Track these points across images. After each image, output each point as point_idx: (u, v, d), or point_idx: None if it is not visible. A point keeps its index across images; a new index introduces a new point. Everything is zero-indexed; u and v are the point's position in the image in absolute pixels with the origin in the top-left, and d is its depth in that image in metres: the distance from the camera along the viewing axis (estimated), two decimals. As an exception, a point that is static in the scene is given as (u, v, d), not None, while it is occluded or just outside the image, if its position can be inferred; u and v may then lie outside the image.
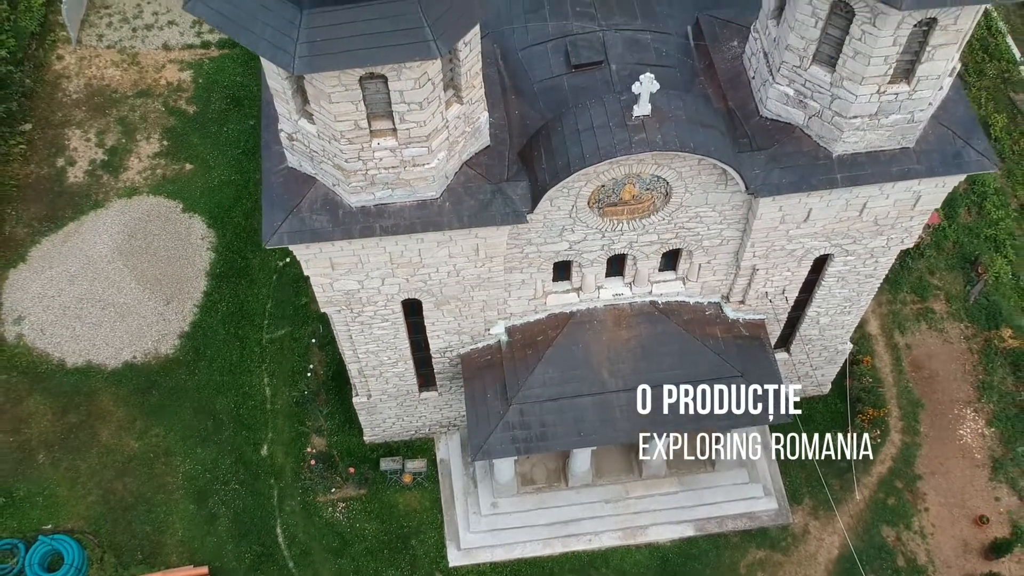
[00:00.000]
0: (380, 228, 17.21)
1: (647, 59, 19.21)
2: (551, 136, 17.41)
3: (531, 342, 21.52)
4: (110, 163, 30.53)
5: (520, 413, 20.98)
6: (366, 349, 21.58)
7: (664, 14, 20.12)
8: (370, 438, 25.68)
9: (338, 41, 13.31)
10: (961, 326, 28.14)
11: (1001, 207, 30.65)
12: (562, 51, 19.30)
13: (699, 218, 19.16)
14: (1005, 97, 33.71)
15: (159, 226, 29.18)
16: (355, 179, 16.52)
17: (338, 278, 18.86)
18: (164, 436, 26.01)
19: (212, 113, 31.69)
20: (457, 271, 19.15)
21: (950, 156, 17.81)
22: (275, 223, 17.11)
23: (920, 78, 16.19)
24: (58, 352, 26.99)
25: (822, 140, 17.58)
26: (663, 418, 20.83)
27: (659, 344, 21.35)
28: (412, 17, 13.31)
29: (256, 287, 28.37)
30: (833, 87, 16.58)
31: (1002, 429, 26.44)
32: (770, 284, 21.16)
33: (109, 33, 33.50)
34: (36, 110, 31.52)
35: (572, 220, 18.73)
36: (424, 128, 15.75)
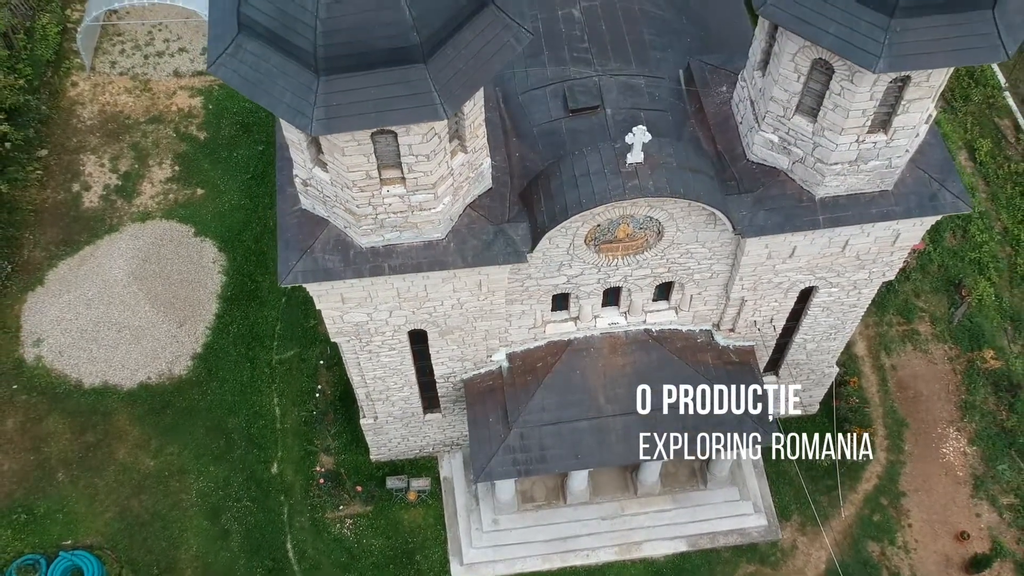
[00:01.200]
0: (389, 267, 18.27)
1: (641, 103, 20.30)
2: (550, 180, 18.47)
3: (531, 368, 22.57)
4: (124, 188, 31.56)
5: (520, 437, 22.04)
6: (374, 375, 22.65)
7: (657, 59, 21.22)
8: (376, 457, 26.74)
9: (352, 105, 14.37)
10: (945, 347, 29.21)
11: (985, 230, 31.68)
12: (560, 96, 20.38)
13: (690, 254, 20.22)
14: (990, 122, 34.75)
15: (172, 250, 30.22)
16: (365, 223, 17.59)
17: (348, 311, 19.92)
18: (178, 454, 27.05)
19: (222, 139, 32.72)
20: (461, 304, 20.21)
21: (926, 198, 18.88)
22: (290, 263, 18.17)
23: (897, 128, 17.27)
24: (76, 373, 28.03)
25: (805, 184, 18.65)
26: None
27: (653, 371, 22.38)
28: (421, 83, 14.38)
29: (266, 309, 29.40)
30: (815, 136, 17.66)
31: (983, 448, 27.50)
32: (758, 313, 22.21)
33: (122, 60, 34.54)
34: (52, 136, 32.56)
35: (570, 256, 19.79)
36: (431, 176, 16.82)
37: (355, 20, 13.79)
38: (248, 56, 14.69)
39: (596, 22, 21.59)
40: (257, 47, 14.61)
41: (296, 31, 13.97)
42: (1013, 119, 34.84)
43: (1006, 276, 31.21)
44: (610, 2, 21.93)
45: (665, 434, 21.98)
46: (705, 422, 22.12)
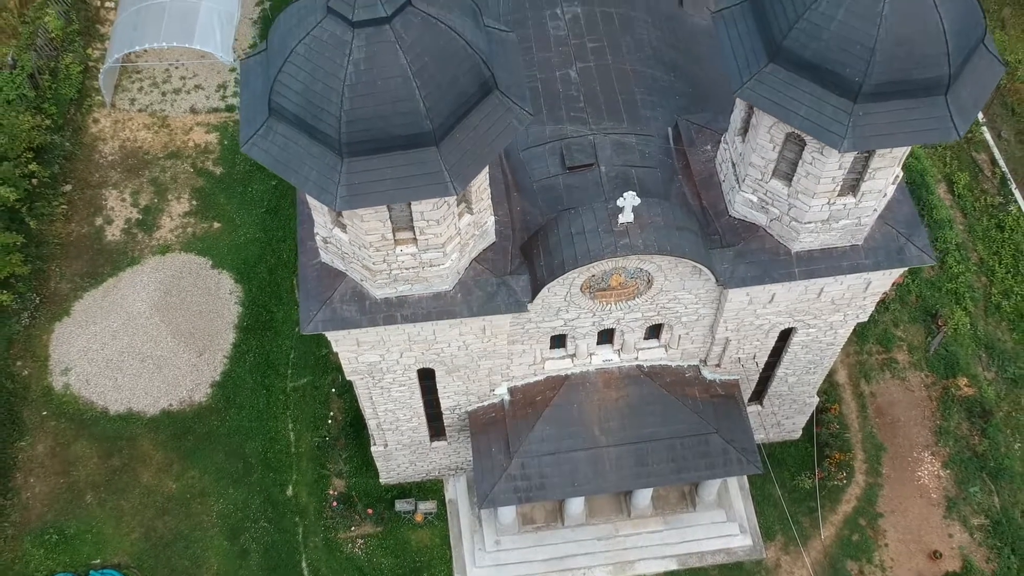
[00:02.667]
0: (401, 317, 19.99)
1: (632, 160, 22.03)
2: (548, 236, 20.19)
3: (531, 402, 24.29)
4: (144, 222, 33.27)
5: (521, 466, 23.75)
6: (385, 408, 24.37)
7: (648, 117, 22.94)
8: (385, 480, 28.43)
9: (372, 184, 16.09)
10: (922, 375, 30.93)
11: (962, 261, 33.38)
12: (558, 153, 22.10)
13: (678, 300, 21.94)
14: (968, 156, 36.50)
15: (191, 282, 31.92)
16: (380, 277, 19.31)
17: (363, 353, 21.64)
18: (199, 478, 28.74)
19: (237, 174, 34.42)
20: (466, 346, 21.93)
21: (894, 252, 20.60)
22: (311, 313, 19.88)
23: (864, 192, 18.99)
24: (102, 400, 29.73)
25: (782, 239, 20.37)
26: (647, 470, 23.72)
27: (644, 404, 24.11)
28: (433, 164, 16.11)
29: (280, 339, 31.10)
30: (790, 198, 19.37)
31: (956, 471, 29.22)
32: (742, 351, 23.92)
33: (140, 97, 36.25)
34: (75, 172, 34.26)
35: (567, 303, 21.50)
36: (440, 237, 18.54)
37: (375, 110, 15.51)
38: (278, 138, 16.40)
39: (591, 82, 23.31)
40: (286, 130, 16.32)
41: (322, 119, 15.68)
42: (990, 153, 36.60)
43: (981, 305, 32.93)
44: (604, 63, 23.65)
45: (655, 463, 23.77)
46: (693, 452, 23.91)
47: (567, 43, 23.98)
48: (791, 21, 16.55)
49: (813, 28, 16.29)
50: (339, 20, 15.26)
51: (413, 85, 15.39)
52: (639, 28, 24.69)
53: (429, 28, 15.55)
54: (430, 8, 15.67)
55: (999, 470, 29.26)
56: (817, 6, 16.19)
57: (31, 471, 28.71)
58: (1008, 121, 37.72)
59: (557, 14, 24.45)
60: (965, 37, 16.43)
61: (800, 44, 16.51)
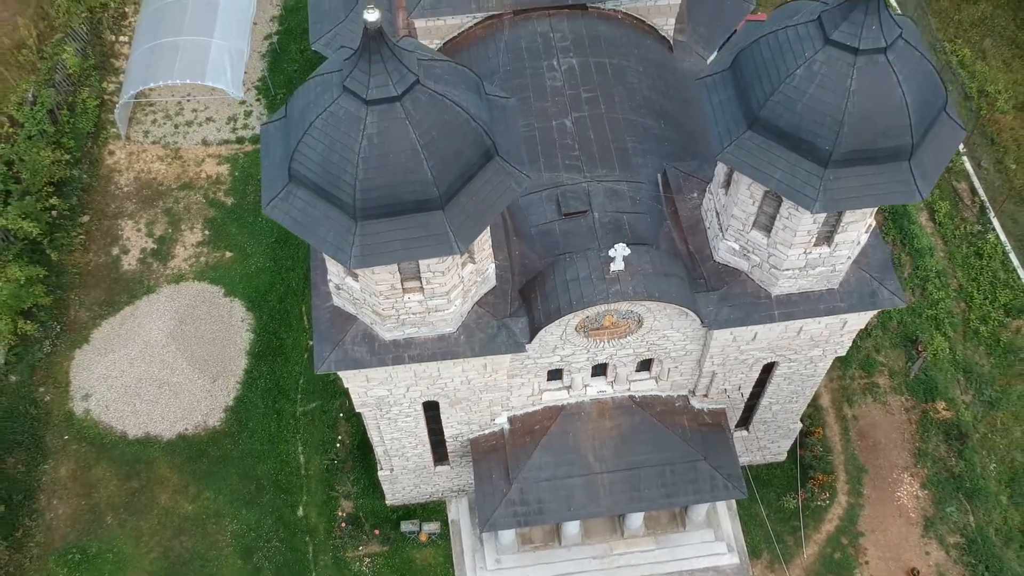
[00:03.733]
0: (408, 357, 21.49)
1: (624, 207, 23.53)
2: (545, 282, 21.70)
3: (529, 430, 25.77)
4: (159, 251, 34.74)
5: (520, 492, 25.23)
6: (391, 437, 25.87)
7: (639, 164, 24.45)
8: (391, 501, 29.92)
9: (383, 244, 17.60)
10: (902, 399, 32.44)
11: (942, 288, 34.89)
12: (554, 200, 23.60)
13: (667, 338, 23.44)
14: (949, 186, 37.99)
15: (204, 310, 33.39)
16: (389, 322, 20.81)
17: (372, 388, 23.14)
18: (214, 499, 30.21)
19: (248, 204, 35.89)
20: (468, 381, 23.43)
21: (867, 295, 22.11)
22: (324, 354, 21.37)
23: (838, 243, 20.51)
24: (121, 425, 31.20)
25: (763, 283, 21.88)
26: (639, 495, 25.21)
27: (636, 432, 25.60)
28: (439, 226, 17.62)
29: (290, 365, 32.57)
30: (769, 248, 20.88)
31: (934, 491, 30.72)
32: (728, 383, 25.42)
33: (154, 130, 37.73)
34: (93, 203, 35.75)
35: (563, 341, 22.99)
36: (445, 286, 20.05)
37: (387, 179, 17.04)
38: (297, 201, 17.91)
39: (586, 131, 24.83)
40: (305, 195, 17.83)
41: (339, 187, 17.20)
42: (970, 182, 38.10)
43: (960, 331, 34.43)
44: (598, 112, 25.16)
45: (647, 489, 25.27)
46: (682, 478, 25.40)
47: (563, 93, 25.48)
48: (767, 93, 18.07)
49: (788, 100, 17.82)
50: (354, 98, 16.77)
51: (421, 157, 16.91)
52: (631, 77, 26.20)
53: (436, 104, 17.06)
54: (436, 86, 17.18)
55: (974, 490, 30.74)
56: (791, 80, 17.71)
57: (54, 493, 30.17)
58: (988, 150, 39.22)
59: (554, 65, 25.96)
60: (927, 109, 17.96)
61: (776, 114, 18.04)
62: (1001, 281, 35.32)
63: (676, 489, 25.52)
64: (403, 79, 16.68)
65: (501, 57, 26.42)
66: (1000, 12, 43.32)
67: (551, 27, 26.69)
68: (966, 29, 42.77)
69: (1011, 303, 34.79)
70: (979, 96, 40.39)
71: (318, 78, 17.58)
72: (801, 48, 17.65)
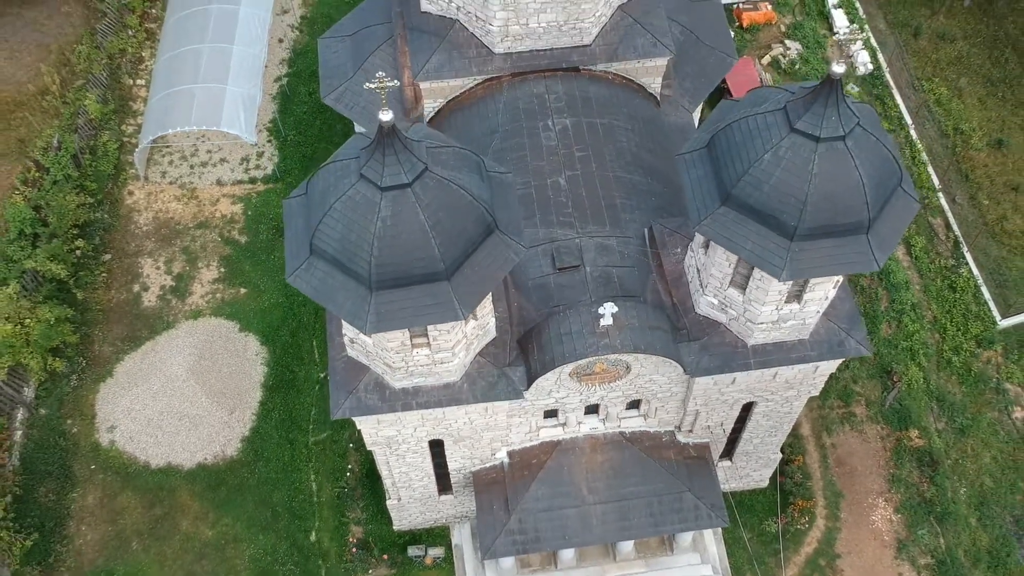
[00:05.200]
0: (416, 404, 23.57)
1: (613, 261, 25.60)
2: (541, 334, 23.77)
3: (527, 464, 27.82)
4: (177, 288, 36.78)
5: (519, 521, 27.28)
6: (399, 471, 27.92)
7: (627, 220, 26.52)
8: (399, 527, 31.97)
9: (395, 312, 19.67)
10: (878, 427, 34.52)
11: (917, 320, 36.97)
12: (549, 255, 25.66)
13: (653, 381, 25.50)
14: (924, 221, 40.08)
15: (221, 345, 35.43)
16: (399, 372, 22.88)
17: (382, 429, 25.21)
18: (232, 525, 32.24)
19: (260, 242, 37.92)
20: (471, 422, 25.50)
21: (836, 344, 24.18)
22: (340, 401, 23.44)
23: (807, 300, 22.58)
24: (144, 455, 33.24)
25: (740, 335, 23.95)
26: (629, 524, 27.27)
27: (626, 466, 27.65)
28: (445, 295, 19.70)
29: (302, 396, 34.61)
30: (745, 304, 22.95)
31: (907, 515, 32.80)
32: (711, 420, 27.47)
33: (171, 170, 39.76)
34: (114, 242, 37.78)
35: (557, 386, 25.04)
36: (450, 341, 22.11)
37: (399, 256, 19.11)
38: (317, 272, 19.98)
39: (578, 189, 26.89)
40: (324, 267, 19.89)
41: (356, 262, 19.26)
42: (945, 218, 40.16)
43: (934, 361, 36.51)
44: (589, 171, 27.24)
45: (636, 518, 27.32)
46: (668, 507, 27.45)
47: (557, 152, 27.57)
48: (739, 174, 20.16)
49: (757, 181, 19.90)
50: (370, 185, 18.84)
51: (430, 236, 19.00)
52: (620, 136, 28.29)
53: (442, 188, 19.15)
54: (443, 171, 19.27)
55: (945, 514, 32.82)
56: (760, 164, 19.80)
57: (83, 520, 32.20)
58: (962, 186, 41.29)
59: (549, 125, 28.04)
60: (883, 188, 20.06)
61: (746, 193, 20.12)
62: (973, 313, 37.38)
63: (663, 518, 27.56)
64: (413, 167, 18.76)
65: (500, 117, 28.48)
66: (976, 51, 45.37)
67: (547, 88, 28.77)
68: (943, 68, 44.82)
69: (982, 334, 36.87)
70: (955, 134, 42.59)
71: (338, 163, 19.61)
72: (769, 135, 19.74)
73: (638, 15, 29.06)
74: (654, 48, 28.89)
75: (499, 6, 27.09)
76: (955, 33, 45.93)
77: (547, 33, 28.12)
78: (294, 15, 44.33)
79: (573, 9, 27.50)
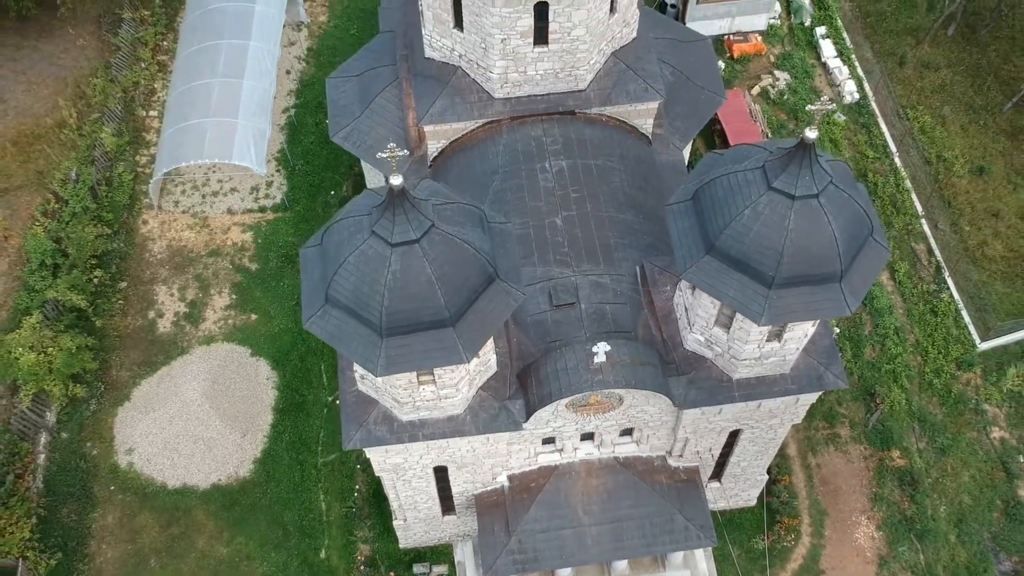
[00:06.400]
0: (422, 435, 25.20)
1: (607, 298, 27.23)
2: (539, 370, 25.40)
3: (526, 487, 29.44)
4: (191, 315, 38.39)
5: (519, 542, 28.90)
6: (406, 494, 29.55)
7: (620, 258, 28.14)
8: (404, 545, 33.59)
9: (404, 356, 21.29)
10: (861, 448, 36.14)
11: (899, 343, 38.59)
12: (547, 292, 27.28)
13: (644, 411, 27.13)
14: (908, 247, 41.71)
15: (233, 370, 37.05)
16: (406, 407, 24.51)
17: (390, 458, 26.83)
18: (245, 543, 33.85)
19: (270, 270, 39.54)
20: (473, 450, 27.12)
21: (815, 378, 25.82)
22: (351, 433, 25.07)
23: (787, 339, 24.21)
24: (161, 477, 34.85)
25: (725, 369, 25.58)
26: (622, 545, 28.89)
27: (620, 489, 29.26)
28: (450, 340, 21.33)
29: (311, 419, 36.23)
30: (729, 342, 24.59)
31: (888, 532, 34.42)
32: (699, 446, 29.10)
33: (184, 200, 41.38)
34: (130, 270, 39.39)
35: (555, 416, 26.66)
36: (454, 379, 23.74)
37: (407, 305, 20.74)
38: (332, 319, 21.60)
39: (573, 229, 28.52)
40: (338, 315, 21.52)
41: (368, 311, 20.89)
42: (927, 244, 41.78)
43: (916, 383, 38.14)
44: (585, 211, 28.86)
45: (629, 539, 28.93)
46: (660, 528, 29.07)
47: (554, 193, 29.19)
48: (722, 227, 21.79)
49: (738, 234, 21.53)
50: (381, 241, 20.47)
51: (436, 287, 20.63)
52: (614, 177, 29.92)
53: (447, 243, 20.78)
54: (448, 227, 20.90)
55: (925, 531, 34.45)
56: (740, 218, 21.43)
57: (103, 539, 33.81)
58: (944, 212, 42.91)
59: (546, 167, 29.67)
60: (854, 240, 21.69)
61: (728, 245, 21.76)
62: (953, 337, 39.00)
63: (655, 539, 29.16)
64: (421, 225, 20.40)
65: (500, 158, 30.10)
66: (959, 79, 47.01)
67: (544, 131, 30.40)
68: (927, 96, 46.46)
69: (962, 357, 38.50)
70: (937, 161, 44.22)
71: (351, 219, 21.23)
72: (748, 191, 21.38)
73: (630, 61, 30.69)
74: (645, 93, 30.50)
75: (499, 56, 28.70)
76: (939, 62, 47.58)
77: (544, 80, 29.73)
78: (301, 47, 45.99)
79: (569, 58, 29.11)
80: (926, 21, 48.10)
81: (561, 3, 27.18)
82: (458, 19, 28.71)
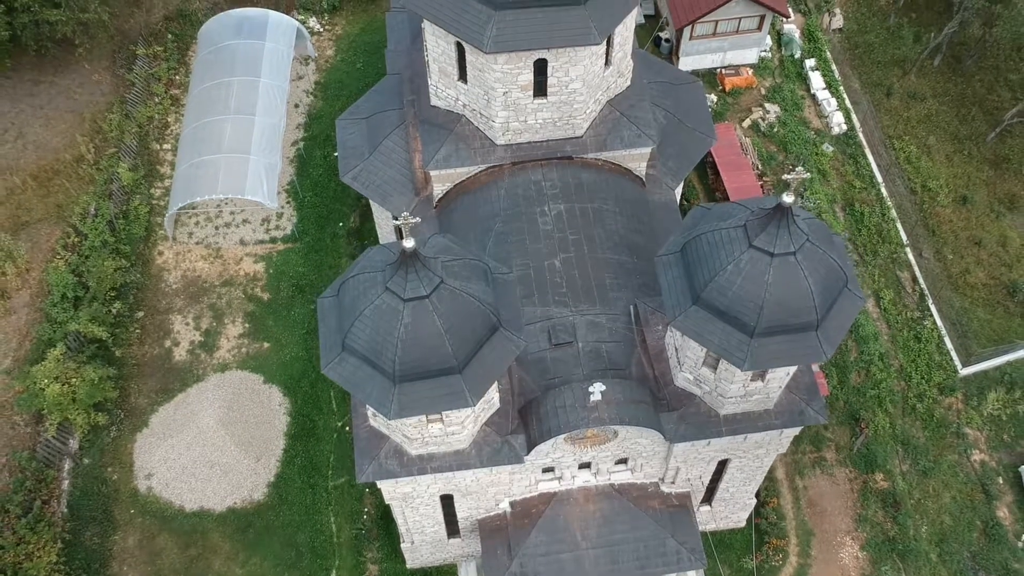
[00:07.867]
0: (431, 468, 26.95)
1: (603, 337, 28.98)
2: (539, 407, 27.16)
3: (527, 513, 31.18)
4: (206, 343, 40.11)
5: (521, 565, 30.62)
6: (414, 520, 31.29)
7: (615, 297, 29.89)
8: (411, 565, 35.32)
9: (415, 400, 23.05)
10: (846, 471, 37.88)
11: (884, 369, 40.33)
12: (546, 332, 29.03)
13: (638, 443, 28.87)
14: (893, 275, 43.45)
15: (247, 397, 38.77)
16: (415, 443, 26.27)
17: (400, 487, 28.58)
18: (260, 564, 35.56)
19: (281, 299, 41.26)
20: (477, 479, 28.87)
21: (797, 414, 27.59)
22: (364, 466, 26.82)
23: (770, 379, 25.98)
24: (179, 500, 36.57)
25: (713, 406, 27.35)
26: (618, 568, 30.63)
27: (615, 514, 30.99)
28: (457, 386, 23.10)
29: (321, 444, 37.94)
30: (716, 381, 26.35)
31: (872, 552, 36.16)
32: (690, 474, 30.84)
33: (197, 231, 43.11)
34: (146, 300, 41.11)
35: (554, 448, 28.41)
36: (460, 418, 25.50)
37: (419, 354, 22.50)
38: (348, 366, 23.36)
39: (571, 270, 30.27)
40: (354, 362, 23.28)
41: (382, 359, 22.66)
42: (912, 272, 43.53)
43: (900, 407, 39.88)
44: (581, 253, 30.61)
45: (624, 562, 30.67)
46: (653, 552, 30.80)
47: (553, 236, 30.95)
48: (707, 280, 23.57)
49: (722, 288, 23.31)
50: (394, 296, 22.23)
51: (444, 338, 22.39)
52: (609, 219, 31.68)
53: (455, 298, 22.55)
54: (456, 283, 22.67)
55: (907, 551, 36.19)
56: (724, 273, 23.21)
57: (124, 560, 35.52)
58: (928, 240, 44.69)
59: (545, 211, 31.43)
60: (829, 292, 23.46)
61: (713, 296, 23.53)
62: (936, 363, 40.76)
63: (649, 561, 30.86)
64: (431, 281, 22.17)
65: (502, 202, 31.85)
66: (944, 109, 48.81)
67: (543, 176, 32.16)
68: (913, 126, 48.25)
69: (944, 382, 40.27)
70: (922, 190, 45.99)
71: (366, 276, 22.97)
72: (731, 248, 23.16)
73: (624, 109, 32.47)
74: (639, 139, 32.28)
75: (501, 107, 30.47)
76: (925, 92, 49.38)
77: (543, 128, 31.50)
78: (308, 81, 47.74)
79: (566, 108, 30.88)
80: (912, 52, 49.84)
81: (559, 60, 28.95)
82: (462, 73, 30.47)
